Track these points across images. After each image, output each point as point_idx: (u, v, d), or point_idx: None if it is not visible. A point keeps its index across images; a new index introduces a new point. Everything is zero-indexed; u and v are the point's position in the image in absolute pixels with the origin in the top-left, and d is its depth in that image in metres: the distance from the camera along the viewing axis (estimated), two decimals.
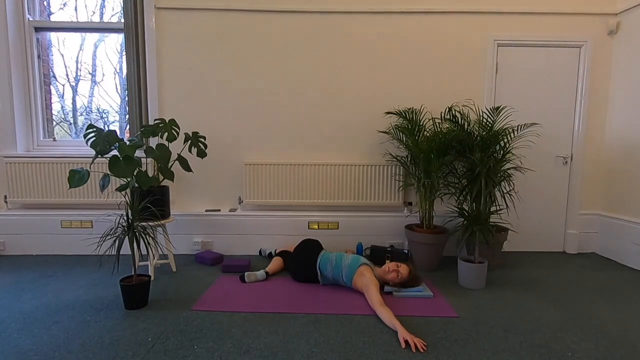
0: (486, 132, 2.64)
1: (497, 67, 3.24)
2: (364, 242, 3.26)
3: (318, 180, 3.25)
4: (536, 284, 2.58)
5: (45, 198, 3.18)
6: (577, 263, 3.09)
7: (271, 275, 2.66)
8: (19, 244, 3.18)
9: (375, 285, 2.17)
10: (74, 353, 1.65)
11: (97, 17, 3.45)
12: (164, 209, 2.62)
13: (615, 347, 1.75)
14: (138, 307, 2.12)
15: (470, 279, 2.50)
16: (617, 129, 3.21)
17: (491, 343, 1.78)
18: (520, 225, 3.41)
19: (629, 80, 3.09)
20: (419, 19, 3.20)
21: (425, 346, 1.71)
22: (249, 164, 3.21)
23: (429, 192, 2.85)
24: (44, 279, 2.60)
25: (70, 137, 3.54)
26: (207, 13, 3.18)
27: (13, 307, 2.12)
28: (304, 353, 1.67)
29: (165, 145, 2.59)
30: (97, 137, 2.31)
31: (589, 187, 3.36)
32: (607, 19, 3.20)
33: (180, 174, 3.30)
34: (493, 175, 2.52)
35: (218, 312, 2.08)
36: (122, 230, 2.10)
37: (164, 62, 3.22)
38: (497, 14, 3.19)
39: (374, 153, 3.33)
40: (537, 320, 2.02)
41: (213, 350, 1.68)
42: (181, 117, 3.25)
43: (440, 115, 3.04)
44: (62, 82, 3.51)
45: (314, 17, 3.19)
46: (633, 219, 3.02)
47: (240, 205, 3.34)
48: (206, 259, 2.95)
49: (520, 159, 3.32)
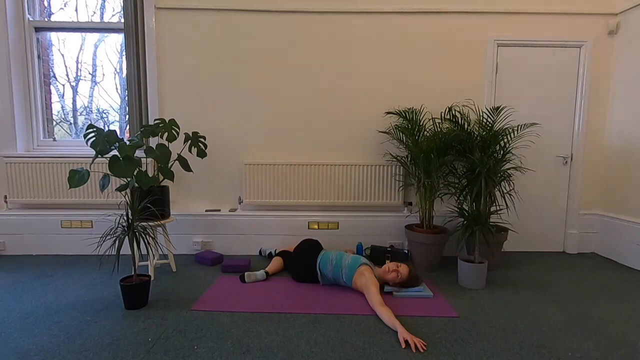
0: (486, 132, 2.65)
1: (497, 67, 3.24)
2: (364, 242, 3.26)
3: (318, 180, 3.25)
4: (536, 284, 2.58)
5: (45, 198, 3.18)
6: (577, 263, 3.09)
7: (271, 275, 2.66)
8: (19, 244, 3.18)
9: (375, 285, 2.17)
10: (74, 353, 1.65)
11: (97, 17, 3.45)
12: (164, 209, 2.63)
13: (615, 347, 1.75)
14: (138, 307, 2.12)
15: (470, 279, 2.50)
16: (617, 129, 3.21)
17: (491, 343, 1.78)
18: (520, 225, 3.41)
19: (629, 80, 3.09)
20: (419, 19, 3.20)
21: (425, 346, 1.71)
22: (249, 164, 3.21)
23: (429, 192, 2.85)
24: (44, 279, 2.61)
25: (70, 137, 3.54)
26: (207, 13, 3.18)
27: (13, 307, 2.12)
28: (304, 353, 1.67)
29: (165, 145, 2.59)
30: (97, 137, 2.31)
31: (589, 187, 3.36)
32: (607, 19, 3.20)
33: (180, 174, 3.30)
34: (493, 175, 2.52)
35: (218, 312, 2.08)
36: (122, 230, 2.10)
37: (164, 62, 3.22)
38: (497, 14, 3.20)
39: (374, 153, 3.33)
40: (537, 320, 2.02)
41: (213, 350, 1.68)
42: (181, 117, 3.25)
43: (440, 115, 3.04)
44: (62, 82, 3.51)
45: (314, 17, 3.19)
46: (633, 219, 3.02)
47: (240, 205, 3.34)
48: (206, 259, 2.95)
49: (520, 159, 3.32)
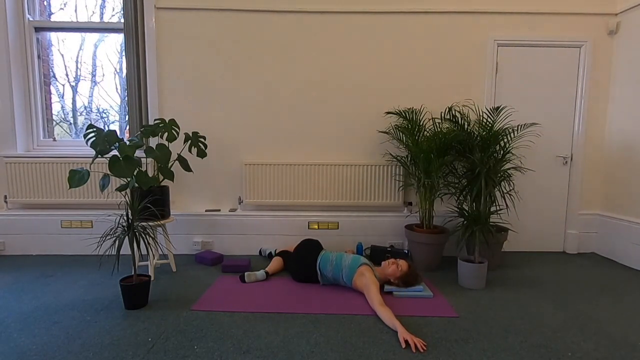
0: (486, 132, 2.64)
1: (497, 67, 3.24)
2: (364, 242, 3.26)
3: (318, 180, 3.25)
4: (536, 284, 2.58)
5: (45, 198, 3.18)
6: (577, 263, 3.09)
7: (271, 275, 2.66)
8: (19, 244, 3.18)
9: (376, 285, 2.17)
10: (74, 353, 1.65)
11: (97, 17, 3.45)
12: (164, 209, 2.62)
13: (615, 347, 1.75)
14: (138, 307, 2.12)
15: (470, 279, 2.50)
16: (617, 129, 3.21)
17: (491, 343, 1.78)
18: (520, 225, 3.41)
19: (629, 80, 3.09)
20: (419, 19, 3.20)
21: (425, 346, 1.71)
22: (249, 164, 3.21)
23: (429, 192, 2.85)
24: (44, 279, 2.60)
25: (70, 137, 3.53)
26: (207, 13, 3.18)
27: (13, 307, 2.12)
28: (304, 353, 1.67)
29: (165, 145, 2.59)
30: (97, 137, 2.31)
31: (589, 187, 3.36)
32: (607, 19, 3.20)
33: (180, 174, 3.30)
34: (493, 175, 2.52)
35: (218, 312, 2.08)
36: (122, 230, 2.10)
37: (164, 62, 3.22)
38: (497, 14, 3.20)
39: (374, 153, 3.33)
40: (537, 320, 2.02)
41: (213, 350, 1.68)
42: (181, 117, 3.25)
43: (440, 115, 3.04)
44: (62, 82, 3.51)
45: (314, 17, 3.19)
46: (633, 219, 3.02)
47: (240, 205, 3.34)
48: (206, 259, 2.95)
49: (520, 159, 3.32)
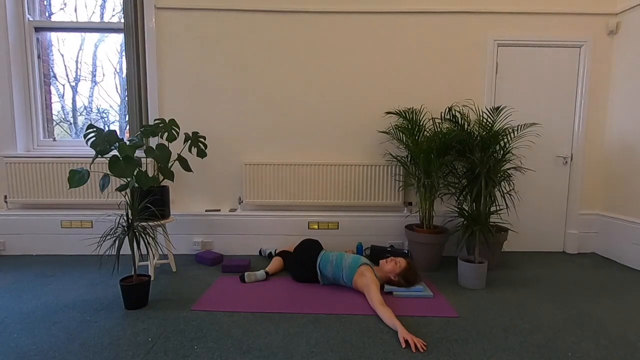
0: (486, 132, 2.64)
1: (497, 67, 3.24)
2: (364, 242, 3.26)
3: (318, 180, 3.25)
4: (536, 284, 2.58)
5: (45, 198, 3.18)
6: (577, 263, 3.09)
7: (271, 275, 2.66)
8: (19, 244, 3.18)
9: (376, 285, 2.17)
10: (74, 353, 1.65)
11: (97, 17, 3.45)
12: (164, 209, 2.62)
13: (615, 347, 1.75)
14: (138, 307, 2.12)
15: (470, 279, 2.50)
16: (617, 129, 3.21)
17: (491, 343, 1.78)
18: (520, 225, 3.41)
19: (629, 80, 3.09)
20: (419, 19, 3.20)
21: (425, 346, 1.71)
22: (249, 164, 3.21)
23: (429, 192, 2.85)
24: (44, 279, 2.60)
25: (70, 137, 3.53)
26: (207, 13, 3.18)
27: (13, 307, 2.12)
28: (304, 353, 1.67)
29: (165, 145, 2.59)
30: (97, 137, 2.31)
31: (589, 187, 3.36)
32: (607, 19, 3.20)
33: (180, 174, 3.30)
34: (493, 175, 2.52)
35: (218, 312, 2.08)
36: (122, 230, 2.10)
37: (164, 62, 3.22)
38: (497, 14, 3.20)
39: (374, 153, 3.33)
40: (537, 320, 2.02)
41: (213, 350, 1.68)
42: (181, 117, 3.25)
43: (440, 115, 3.04)
44: (62, 82, 3.51)
45: (314, 17, 3.19)
46: (633, 219, 3.01)
47: (240, 205, 3.34)
48: (206, 259, 2.95)
49: (520, 159, 3.32)
